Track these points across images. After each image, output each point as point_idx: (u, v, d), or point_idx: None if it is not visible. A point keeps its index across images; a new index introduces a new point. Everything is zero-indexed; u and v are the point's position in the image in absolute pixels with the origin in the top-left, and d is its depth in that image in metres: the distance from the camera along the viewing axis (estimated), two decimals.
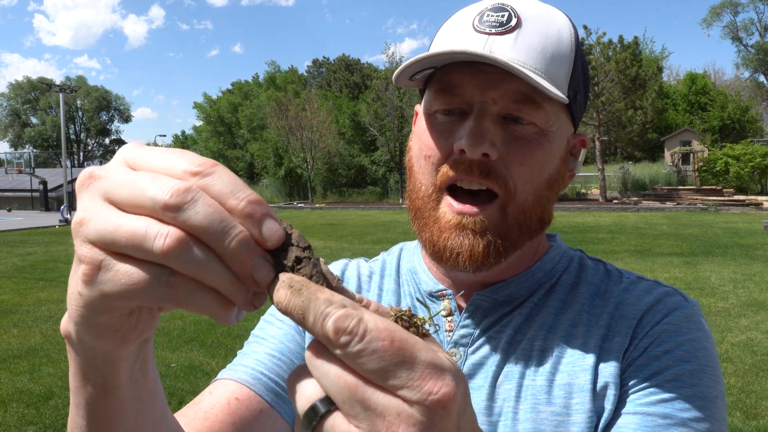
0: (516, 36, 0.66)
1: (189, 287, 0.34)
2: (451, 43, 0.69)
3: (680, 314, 0.70)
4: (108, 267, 0.34)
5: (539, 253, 0.80)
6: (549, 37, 0.68)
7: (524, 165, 0.68)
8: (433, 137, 0.71)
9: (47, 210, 32.70)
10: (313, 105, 35.52)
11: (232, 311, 0.35)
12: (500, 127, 0.68)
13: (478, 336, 0.75)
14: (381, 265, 0.89)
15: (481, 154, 0.66)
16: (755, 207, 23.27)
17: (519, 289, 0.76)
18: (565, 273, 0.79)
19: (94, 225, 0.35)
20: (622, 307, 0.72)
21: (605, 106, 26.02)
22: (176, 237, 0.33)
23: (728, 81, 55.24)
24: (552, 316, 0.74)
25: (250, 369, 0.76)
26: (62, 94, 28.73)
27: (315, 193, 37.59)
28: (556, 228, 0.70)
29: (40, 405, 4.70)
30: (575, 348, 0.71)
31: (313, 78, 62.84)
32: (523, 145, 0.68)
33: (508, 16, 0.67)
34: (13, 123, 68.31)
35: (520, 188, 0.69)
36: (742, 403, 4.48)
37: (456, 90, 0.69)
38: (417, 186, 0.74)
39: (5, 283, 10.03)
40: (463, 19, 0.71)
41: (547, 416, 0.68)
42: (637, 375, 0.67)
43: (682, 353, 0.67)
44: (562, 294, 0.76)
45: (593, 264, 0.81)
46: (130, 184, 0.34)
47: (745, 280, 9.01)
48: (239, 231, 0.33)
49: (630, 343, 0.69)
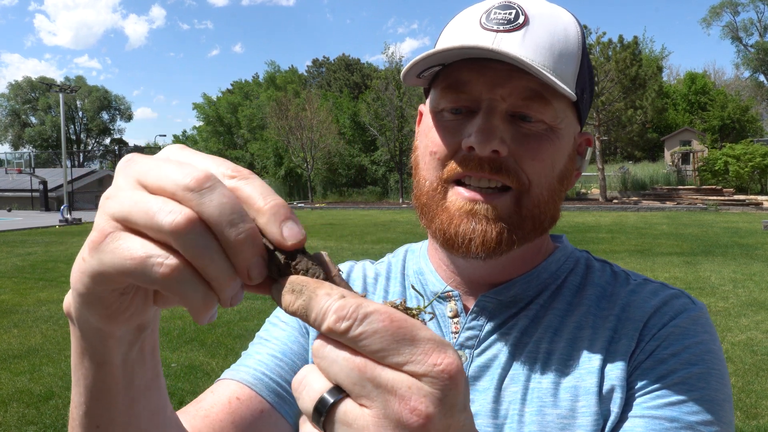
0: (524, 33, 0.66)
1: (182, 274, 0.34)
2: (460, 40, 0.68)
3: (687, 317, 0.70)
4: (115, 238, 0.35)
5: (544, 254, 0.79)
6: (556, 34, 0.68)
7: (536, 160, 0.68)
8: (441, 134, 0.71)
9: (47, 210, 32.70)
10: (313, 105, 35.53)
11: (212, 310, 0.36)
12: (509, 124, 0.68)
13: (484, 338, 0.74)
14: (387, 267, 0.89)
15: (491, 151, 0.66)
16: (755, 207, 23.27)
17: (524, 290, 0.76)
18: (571, 274, 0.78)
19: (117, 200, 0.36)
20: (628, 309, 0.72)
21: (605, 105, 26.03)
22: (187, 216, 0.34)
23: (728, 81, 55.23)
24: (558, 318, 0.73)
25: (252, 369, 0.77)
26: (62, 94, 28.73)
27: (315, 193, 37.60)
28: (556, 227, 0.70)
29: (40, 405, 4.70)
30: (581, 350, 0.70)
31: (313, 78, 62.83)
32: (533, 141, 0.68)
33: (516, 14, 0.67)
34: (13, 123, 68.32)
35: (535, 182, 0.69)
36: (742, 402, 4.48)
37: (464, 87, 0.69)
38: (422, 182, 0.73)
39: (5, 283, 10.03)
40: (469, 16, 0.70)
41: (553, 419, 0.67)
42: (644, 378, 0.67)
43: (690, 356, 0.67)
44: (568, 296, 0.75)
45: (600, 265, 0.80)
46: (158, 168, 0.36)
47: (745, 280, 9.01)
48: (249, 226, 0.34)
49: (636, 345, 0.69)
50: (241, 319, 7.23)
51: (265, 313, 6.39)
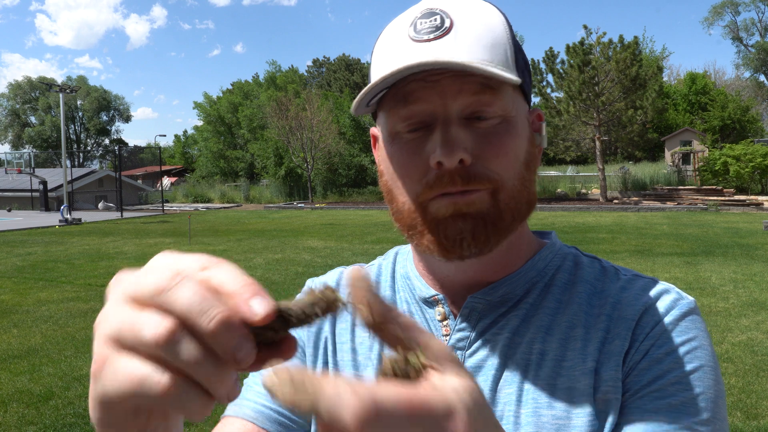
0: (454, 36, 0.67)
1: (178, 389, 0.34)
2: (397, 60, 0.68)
3: (679, 313, 0.70)
4: (112, 362, 0.36)
5: (531, 252, 0.79)
6: (483, 27, 0.69)
7: (500, 156, 0.69)
8: (406, 157, 0.70)
9: (47, 210, 32.66)
10: (313, 105, 35.49)
11: (210, 411, 0.36)
12: (466, 128, 0.68)
13: (474, 339, 0.74)
14: (377, 270, 0.89)
15: (458, 161, 0.66)
16: (756, 207, 23.25)
17: (513, 288, 0.76)
18: (560, 271, 0.78)
19: (107, 321, 0.37)
20: (619, 307, 0.72)
21: (605, 106, 26.00)
22: (167, 326, 0.34)
23: (728, 81, 55.24)
24: (549, 317, 0.73)
25: (253, 402, 0.79)
26: (62, 94, 28.72)
27: (315, 193, 37.58)
28: (557, 228, 0.68)
29: (40, 405, 4.70)
30: (575, 350, 0.70)
31: (313, 78, 62.86)
32: (493, 138, 0.69)
33: (441, 19, 0.68)
34: (13, 123, 68.32)
35: (505, 177, 0.69)
36: (742, 403, 4.48)
37: (414, 105, 0.68)
38: (400, 206, 0.73)
39: (5, 283, 10.03)
40: (397, 32, 0.70)
41: (548, 420, 0.67)
42: (640, 379, 0.67)
43: (684, 354, 0.67)
44: (557, 293, 0.75)
45: (588, 261, 0.80)
46: (139, 280, 0.37)
47: (746, 280, 9.01)
48: (218, 311, 0.34)
49: (630, 346, 0.69)
50: None
51: None
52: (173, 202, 39.63)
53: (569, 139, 28.71)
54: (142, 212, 31.29)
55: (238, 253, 13.21)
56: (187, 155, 65.40)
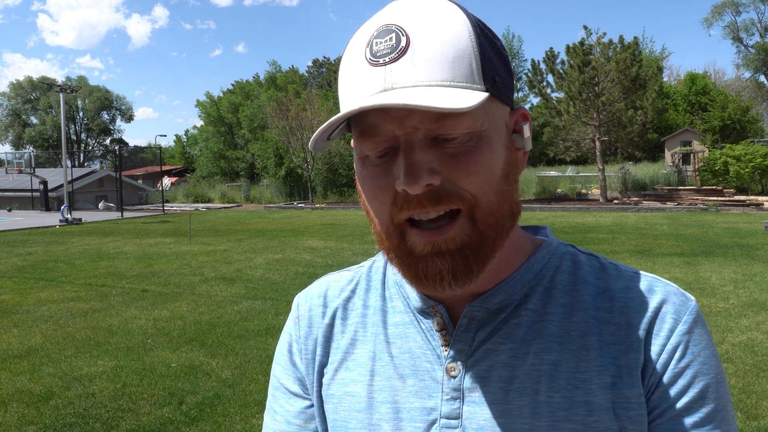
0: (411, 55, 0.63)
1: None
2: (354, 88, 0.66)
3: (690, 320, 0.70)
4: None
5: (526, 253, 0.77)
6: (443, 37, 0.64)
7: (471, 175, 0.65)
8: (375, 182, 0.68)
9: (47, 210, 32.66)
10: (313, 105, 35.50)
11: None
12: (432, 149, 0.64)
13: (476, 347, 0.72)
14: (366, 274, 0.86)
15: (425, 186, 0.63)
16: (756, 207, 23.25)
17: (510, 294, 0.74)
18: (559, 272, 0.76)
19: None
20: (628, 312, 0.71)
21: (605, 106, 26.01)
22: None
23: (729, 81, 55.22)
24: (557, 324, 0.71)
25: None
26: (63, 94, 28.73)
27: (315, 193, 37.58)
28: (557, 228, 0.67)
29: (40, 405, 4.70)
30: (589, 362, 0.69)
31: (313, 78, 62.86)
32: (462, 157, 0.65)
33: (396, 37, 0.64)
34: (14, 123, 68.32)
35: (479, 194, 0.66)
36: (742, 403, 4.48)
37: (375, 131, 0.66)
38: (378, 230, 0.71)
39: (5, 283, 10.04)
40: (355, 54, 0.67)
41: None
42: (664, 396, 0.68)
43: (700, 366, 0.68)
44: (560, 297, 0.73)
45: (587, 259, 0.78)
46: None
47: (746, 281, 9.01)
48: None
49: (647, 359, 0.69)
50: (241, 319, 7.23)
51: (265, 313, 6.37)
52: (174, 202, 39.65)
53: (569, 139, 28.72)
54: (142, 212, 31.29)
55: (238, 253, 13.21)
56: (187, 155, 65.45)
